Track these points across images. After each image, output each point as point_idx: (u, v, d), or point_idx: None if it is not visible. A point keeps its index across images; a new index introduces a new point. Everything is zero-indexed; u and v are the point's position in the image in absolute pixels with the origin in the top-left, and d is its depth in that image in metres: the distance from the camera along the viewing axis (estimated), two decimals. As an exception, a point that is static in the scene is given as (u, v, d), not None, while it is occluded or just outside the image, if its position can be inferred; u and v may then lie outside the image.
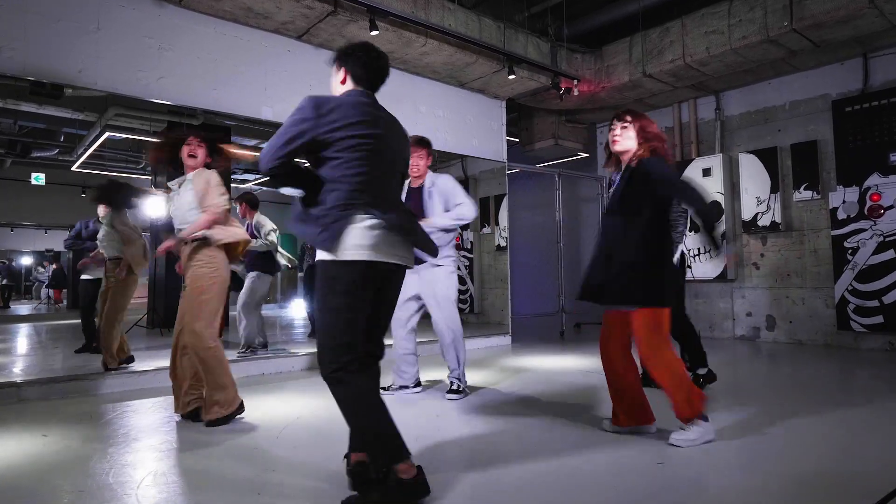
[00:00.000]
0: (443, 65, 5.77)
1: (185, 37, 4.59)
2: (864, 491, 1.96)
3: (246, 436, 2.82)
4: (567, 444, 2.64)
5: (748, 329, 6.62)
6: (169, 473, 2.32)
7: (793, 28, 5.02)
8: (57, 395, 3.80)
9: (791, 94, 6.34)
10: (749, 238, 6.63)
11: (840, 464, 2.33)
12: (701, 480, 2.21)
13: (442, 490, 2.02)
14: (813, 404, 3.36)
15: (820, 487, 2.08)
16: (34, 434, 2.89)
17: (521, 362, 5.21)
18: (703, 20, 5.62)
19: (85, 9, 4.15)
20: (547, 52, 6.32)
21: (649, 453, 2.48)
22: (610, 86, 6.49)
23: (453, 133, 6.36)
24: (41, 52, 3.98)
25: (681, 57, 5.79)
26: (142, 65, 4.39)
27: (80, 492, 2.11)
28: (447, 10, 5.39)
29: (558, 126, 7.88)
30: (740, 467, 2.33)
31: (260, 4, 4.55)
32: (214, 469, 2.36)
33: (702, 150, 7.07)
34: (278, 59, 5.07)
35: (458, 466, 2.36)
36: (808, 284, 6.18)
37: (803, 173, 6.18)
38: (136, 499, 2.03)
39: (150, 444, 2.71)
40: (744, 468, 2.31)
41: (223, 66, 4.78)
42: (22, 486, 2.17)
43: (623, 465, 2.35)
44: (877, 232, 5.54)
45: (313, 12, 4.68)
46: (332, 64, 2.17)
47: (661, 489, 2.09)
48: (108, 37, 4.24)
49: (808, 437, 2.72)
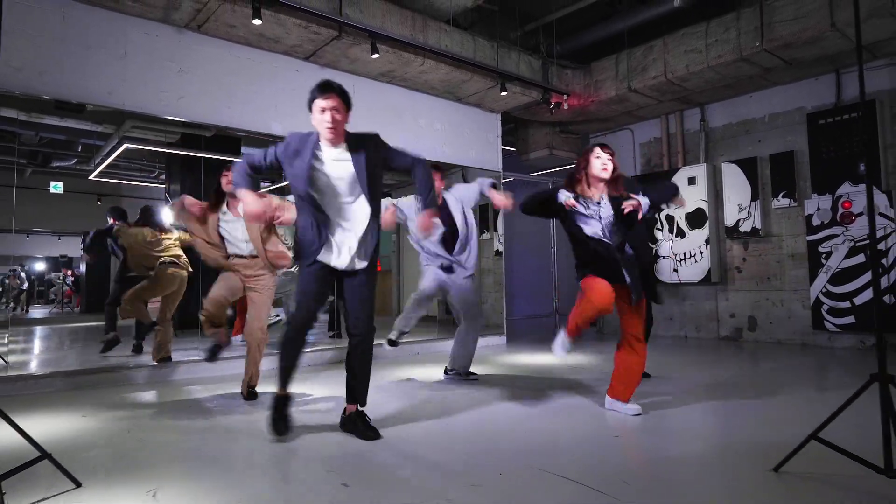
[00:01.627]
0: (440, 82, 6.19)
1: (202, 60, 5.03)
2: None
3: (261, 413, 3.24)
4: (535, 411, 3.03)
5: (731, 330, 6.98)
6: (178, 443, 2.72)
7: (764, 48, 5.40)
8: (90, 385, 4.23)
9: (770, 108, 6.71)
10: (732, 243, 6.99)
11: (754, 434, 2.71)
12: (652, 448, 2.59)
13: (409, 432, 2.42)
14: (763, 394, 3.73)
15: (737, 452, 2.45)
16: (75, 415, 3.31)
17: (511, 359, 5.60)
18: (682, 39, 6.02)
19: (113, 37, 4.60)
20: (538, 69, 6.73)
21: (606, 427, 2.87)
22: (598, 100, 6.89)
23: (451, 145, 6.77)
24: (76, 76, 4.43)
25: (663, 73, 6.19)
26: (164, 86, 4.83)
27: (121, 456, 2.52)
28: (443, 31, 5.81)
29: (552, 136, 8.27)
30: (690, 438, 2.71)
31: (271, 30, 4.98)
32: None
33: (688, 160, 7.45)
34: (287, 78, 5.50)
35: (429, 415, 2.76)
36: (786, 287, 6.53)
37: (781, 182, 6.55)
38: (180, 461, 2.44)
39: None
40: (689, 439, 2.69)
41: (237, 86, 5.21)
42: (67, 453, 2.58)
43: (582, 434, 2.74)
44: (848, 237, 5.89)
45: (320, 37, 5.11)
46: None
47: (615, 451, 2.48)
48: (133, 62, 4.69)
49: (747, 416, 3.10)
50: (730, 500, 1.99)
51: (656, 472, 2.29)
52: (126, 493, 2.08)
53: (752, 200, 6.77)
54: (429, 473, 2.29)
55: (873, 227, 2.28)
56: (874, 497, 1.94)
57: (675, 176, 7.28)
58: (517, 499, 2.00)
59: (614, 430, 2.88)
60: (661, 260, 7.47)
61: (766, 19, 5.34)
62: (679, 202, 3.57)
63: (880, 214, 5.68)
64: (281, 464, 2.44)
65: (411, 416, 3.19)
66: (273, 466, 2.43)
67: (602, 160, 3.13)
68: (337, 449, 2.62)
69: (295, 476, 2.33)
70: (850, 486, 2.04)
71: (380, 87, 6.11)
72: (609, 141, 8.41)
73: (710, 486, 2.15)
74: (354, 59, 5.56)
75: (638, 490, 2.06)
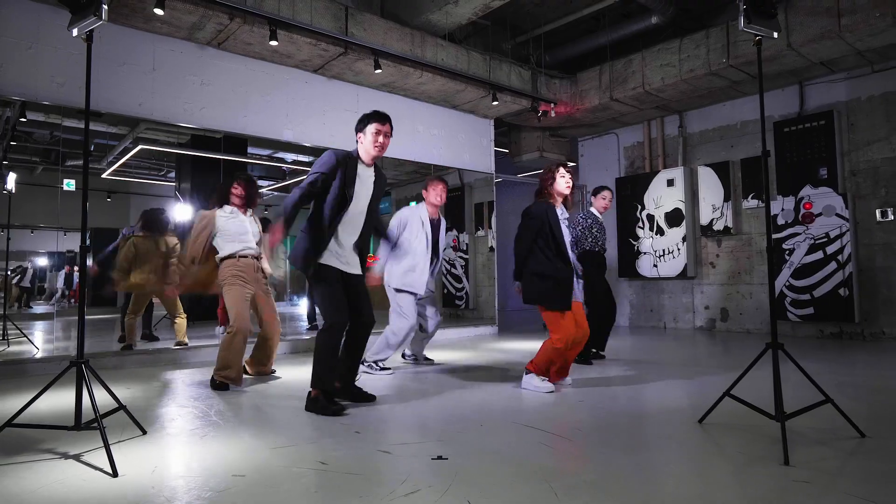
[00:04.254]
0: (437, 91, 6.73)
1: (221, 73, 5.56)
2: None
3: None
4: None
5: (705, 321, 7.55)
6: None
7: (730, 64, 5.95)
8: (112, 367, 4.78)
9: (742, 115, 7.27)
10: (706, 241, 7.56)
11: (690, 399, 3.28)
12: (606, 408, 3.16)
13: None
14: (706, 370, 4.30)
15: (674, 410, 3.02)
16: (120, 388, 3.87)
17: (499, 345, 6.16)
18: (658, 54, 6.57)
19: (143, 54, 5.13)
20: (528, 79, 7.28)
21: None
22: (584, 108, 7.44)
23: (447, 149, 7.33)
24: (110, 89, 4.97)
25: (641, 85, 6.74)
26: (188, 98, 5.37)
27: (173, 419, 3.08)
28: (440, 46, 6.36)
29: (543, 140, 8.83)
30: (637, 400, 3.28)
31: (284, 47, 5.52)
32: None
33: (668, 163, 8.01)
34: (297, 89, 6.04)
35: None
36: (755, 281, 7.10)
37: (751, 184, 7.11)
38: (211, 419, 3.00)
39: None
40: (636, 401, 3.26)
41: (252, 96, 5.75)
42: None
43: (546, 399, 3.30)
44: (809, 236, 6.46)
45: (328, 53, 5.65)
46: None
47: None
48: (161, 76, 5.22)
49: (679, 390, 3.67)
50: (664, 444, 2.54)
51: (606, 424, 2.85)
52: (180, 438, 2.64)
53: (724, 201, 7.34)
54: (414, 419, 2.84)
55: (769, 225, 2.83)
56: (767, 437, 2.50)
57: (656, 178, 7.85)
58: (497, 443, 2.55)
59: (580, 395, 3.44)
60: (642, 256, 8.04)
61: (732, 38, 5.89)
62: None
63: (836, 215, 6.25)
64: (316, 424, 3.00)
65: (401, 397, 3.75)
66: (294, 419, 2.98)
67: (566, 179, 3.73)
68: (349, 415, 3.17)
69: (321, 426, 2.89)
70: (752, 429, 2.60)
71: (382, 96, 6.66)
72: (595, 144, 8.98)
73: (648, 434, 2.71)
74: (359, 72, 6.10)
75: (588, 434, 2.62)
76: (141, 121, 6.00)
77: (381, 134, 3.25)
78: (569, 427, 2.77)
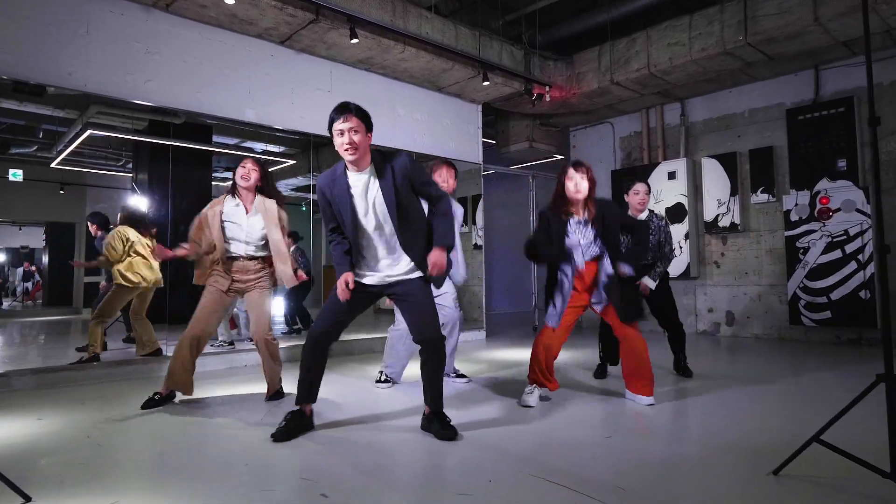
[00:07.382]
0: (420, 70, 6.02)
1: (171, 41, 4.77)
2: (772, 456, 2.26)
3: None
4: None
5: (709, 324, 6.99)
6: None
7: (747, 42, 5.37)
8: (48, 385, 3.98)
9: (750, 103, 6.72)
10: (711, 238, 7.00)
11: (751, 435, 2.65)
12: (645, 450, 2.50)
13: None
14: (752, 392, 3.69)
15: (735, 453, 2.38)
16: (30, 418, 3.08)
17: (491, 355, 5.49)
18: (666, 32, 5.96)
19: (75, 14, 4.32)
20: (521, 59, 6.61)
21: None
22: (580, 92, 6.81)
23: (431, 136, 6.62)
24: (33, 55, 4.14)
25: (646, 66, 6.13)
26: (130, 68, 4.57)
27: (80, 464, 2.33)
28: (425, 18, 5.65)
29: (533, 129, 8.17)
30: (682, 439, 2.63)
31: (244, 11, 4.75)
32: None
33: (668, 154, 7.43)
34: (261, 63, 5.27)
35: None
36: (763, 282, 6.56)
37: (760, 177, 6.56)
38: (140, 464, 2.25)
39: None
40: (682, 440, 2.61)
41: (208, 70, 4.97)
42: (22, 462, 2.37)
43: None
44: (825, 233, 5.93)
45: (296, 20, 4.90)
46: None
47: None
48: (97, 41, 4.41)
49: (729, 413, 3.04)
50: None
51: (651, 476, 2.20)
52: (82, 507, 1.90)
53: (731, 195, 6.78)
54: (413, 482, 2.15)
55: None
56: (880, 502, 1.87)
57: (656, 170, 7.26)
58: (510, 508, 1.88)
59: (605, 430, 2.78)
60: (641, 254, 7.44)
61: (750, 13, 5.31)
62: (643, 288, 3.87)
63: (857, 211, 5.72)
64: (255, 472, 2.28)
65: (383, 418, 3.05)
66: (247, 474, 2.26)
67: (574, 181, 3.11)
68: (315, 458, 2.47)
69: (269, 486, 2.17)
70: (853, 489, 1.97)
71: (358, 75, 5.92)
72: (589, 134, 8.36)
73: (708, 491, 2.06)
74: (332, 45, 5.36)
75: (634, 497, 1.96)
76: (71, 93, 5.15)
77: (345, 132, 2.53)
78: (601, 482, 2.11)
